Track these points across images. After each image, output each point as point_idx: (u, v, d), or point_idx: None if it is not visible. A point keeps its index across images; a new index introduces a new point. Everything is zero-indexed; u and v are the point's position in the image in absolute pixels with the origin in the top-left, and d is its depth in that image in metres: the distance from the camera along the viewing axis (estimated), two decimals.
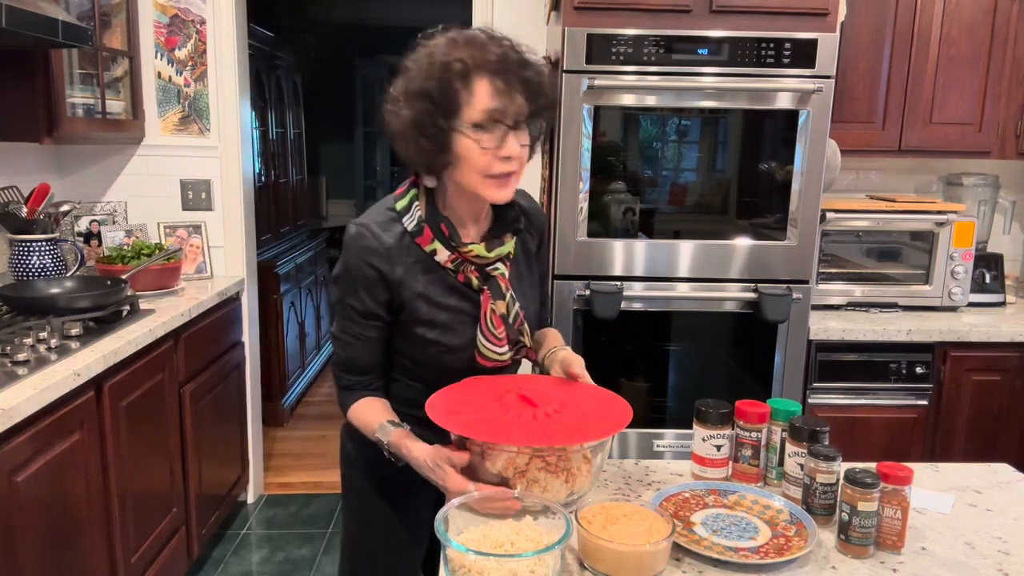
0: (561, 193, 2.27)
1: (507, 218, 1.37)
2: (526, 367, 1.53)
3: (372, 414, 1.31)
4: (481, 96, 1.19)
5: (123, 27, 2.77)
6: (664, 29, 2.19)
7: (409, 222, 1.30)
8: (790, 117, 2.25)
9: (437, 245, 1.29)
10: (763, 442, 1.32)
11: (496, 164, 1.21)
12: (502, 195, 1.25)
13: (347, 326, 1.34)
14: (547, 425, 1.16)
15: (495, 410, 1.21)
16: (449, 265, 1.30)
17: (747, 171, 2.35)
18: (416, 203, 1.31)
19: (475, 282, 1.32)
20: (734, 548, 1.11)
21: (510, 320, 1.35)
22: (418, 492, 1.39)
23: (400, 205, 1.32)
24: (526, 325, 1.38)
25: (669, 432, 2.43)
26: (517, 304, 1.36)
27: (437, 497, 1.32)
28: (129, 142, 2.93)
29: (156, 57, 2.90)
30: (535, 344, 1.45)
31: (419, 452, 1.22)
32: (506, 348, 1.35)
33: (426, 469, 1.20)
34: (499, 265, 1.34)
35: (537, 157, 2.64)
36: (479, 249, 1.30)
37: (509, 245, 1.35)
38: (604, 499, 1.19)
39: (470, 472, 1.17)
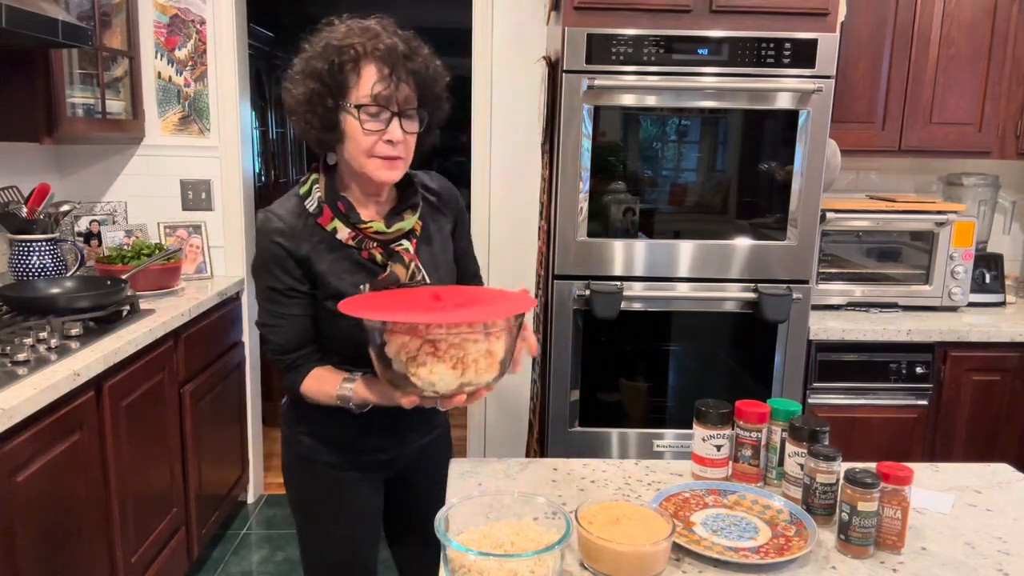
0: (561, 193, 2.27)
1: (406, 196, 1.42)
2: None
3: (326, 381, 1.35)
4: (368, 80, 1.27)
5: (123, 27, 2.77)
6: (664, 29, 2.19)
7: (310, 204, 1.36)
8: (790, 117, 2.25)
9: (337, 223, 1.34)
10: (763, 442, 1.32)
11: (380, 146, 1.29)
12: (388, 176, 1.32)
13: (272, 309, 1.37)
14: (442, 313, 1.17)
15: (402, 304, 1.23)
16: (351, 243, 1.35)
17: (747, 171, 2.35)
18: (316, 186, 1.38)
19: (379, 258, 1.36)
20: (734, 548, 1.11)
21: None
22: (362, 475, 1.48)
23: (302, 190, 1.38)
24: None
25: (669, 432, 2.43)
26: (422, 276, 1.38)
27: (379, 479, 1.50)
28: (129, 142, 2.93)
29: (156, 57, 2.90)
30: None
31: (380, 386, 1.26)
32: None
33: (386, 398, 1.25)
34: (403, 242, 1.38)
35: (537, 157, 2.66)
36: (378, 225, 1.35)
37: (410, 221, 1.39)
38: (604, 499, 1.19)
39: (379, 361, 1.18)
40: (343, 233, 1.34)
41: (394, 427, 1.47)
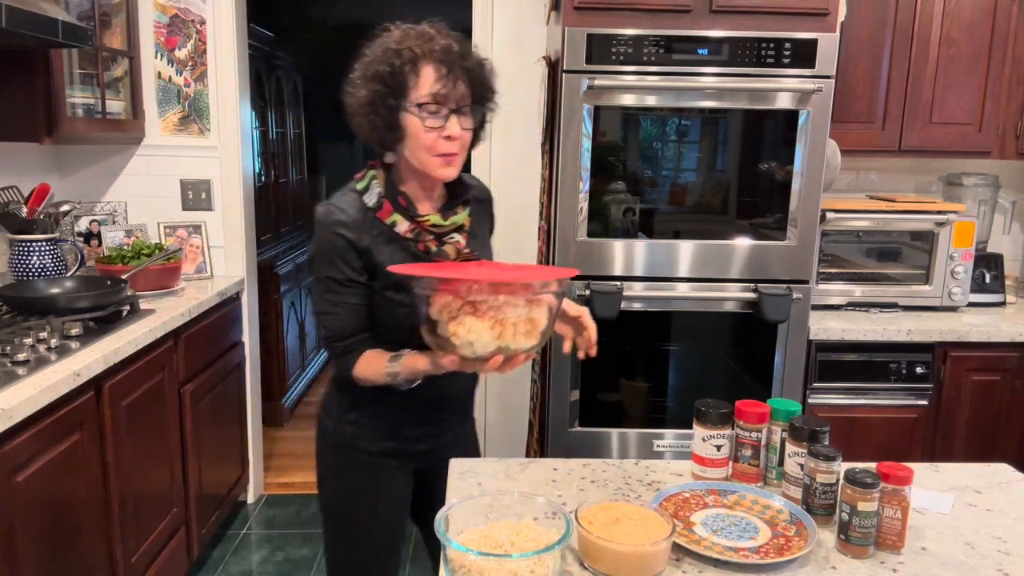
0: (561, 193, 2.27)
1: (458, 193, 1.50)
2: None
3: (376, 361, 1.40)
4: (427, 80, 1.33)
5: (123, 27, 2.77)
6: (664, 29, 2.19)
7: (370, 199, 1.41)
8: (790, 117, 2.25)
9: (397, 217, 1.40)
10: (763, 442, 1.32)
11: (440, 143, 1.35)
12: (447, 172, 1.39)
13: (330, 298, 1.42)
14: (483, 276, 1.23)
15: (449, 271, 1.29)
16: (409, 235, 1.41)
17: (747, 171, 2.35)
18: (375, 181, 1.43)
19: (433, 250, 1.42)
20: (734, 548, 1.11)
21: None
22: (395, 465, 1.54)
23: (360, 186, 1.44)
24: None
25: (669, 432, 2.43)
26: None
27: (412, 469, 1.57)
28: (129, 142, 2.93)
29: (156, 57, 2.90)
30: None
31: (425, 357, 1.33)
32: None
33: (432, 364, 1.31)
34: (455, 235, 1.45)
35: (537, 157, 2.66)
36: (435, 218, 1.42)
37: (462, 216, 1.47)
38: (604, 499, 1.19)
39: (425, 324, 1.24)
40: (402, 226, 1.41)
41: (434, 415, 1.55)
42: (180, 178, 2.99)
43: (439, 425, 1.57)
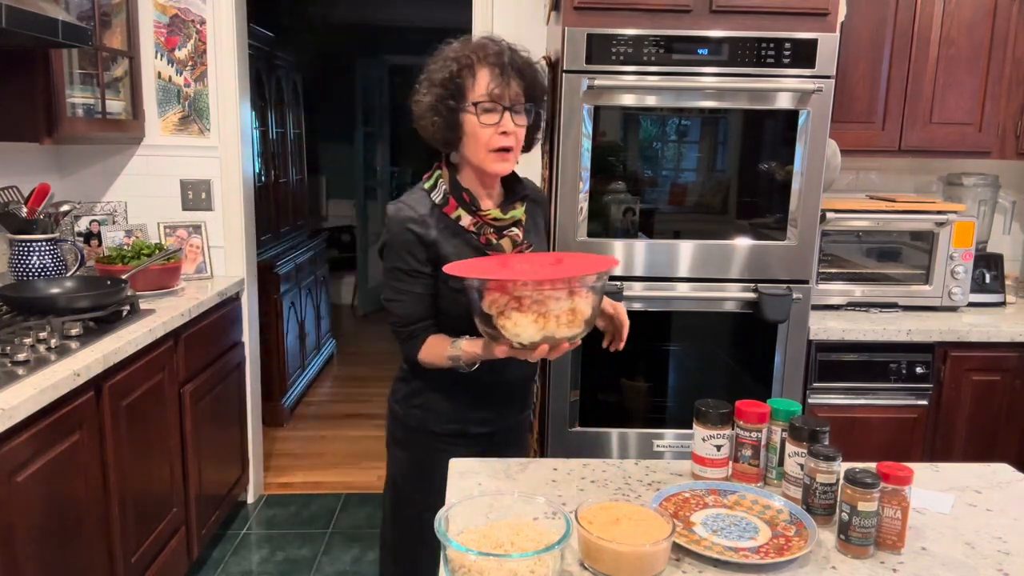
0: (561, 193, 2.27)
1: (515, 190, 1.62)
2: None
3: (439, 346, 1.53)
4: (482, 82, 1.47)
5: (123, 27, 2.77)
6: (664, 29, 2.19)
7: (437, 196, 1.55)
8: (790, 117, 2.25)
9: (461, 212, 1.54)
10: (763, 442, 1.32)
11: (496, 138, 1.48)
12: (502, 167, 1.52)
13: (397, 287, 1.56)
14: (525, 273, 1.34)
15: (499, 267, 1.39)
16: (472, 228, 1.54)
17: (747, 171, 2.35)
18: (441, 180, 1.57)
19: (494, 242, 1.55)
20: (734, 548, 1.11)
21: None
22: (460, 443, 1.63)
23: (428, 185, 1.58)
24: None
25: (669, 432, 2.43)
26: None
27: (478, 451, 1.61)
28: (129, 142, 2.93)
29: (156, 57, 2.90)
30: None
31: (480, 344, 1.44)
32: None
33: (486, 351, 1.42)
34: (513, 229, 1.57)
35: (537, 157, 2.65)
36: (496, 212, 1.55)
37: (519, 211, 1.59)
38: (604, 499, 1.19)
39: (478, 317, 1.35)
40: (466, 220, 1.54)
41: (494, 400, 1.66)
42: (180, 178, 2.99)
43: (499, 410, 1.68)
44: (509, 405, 1.71)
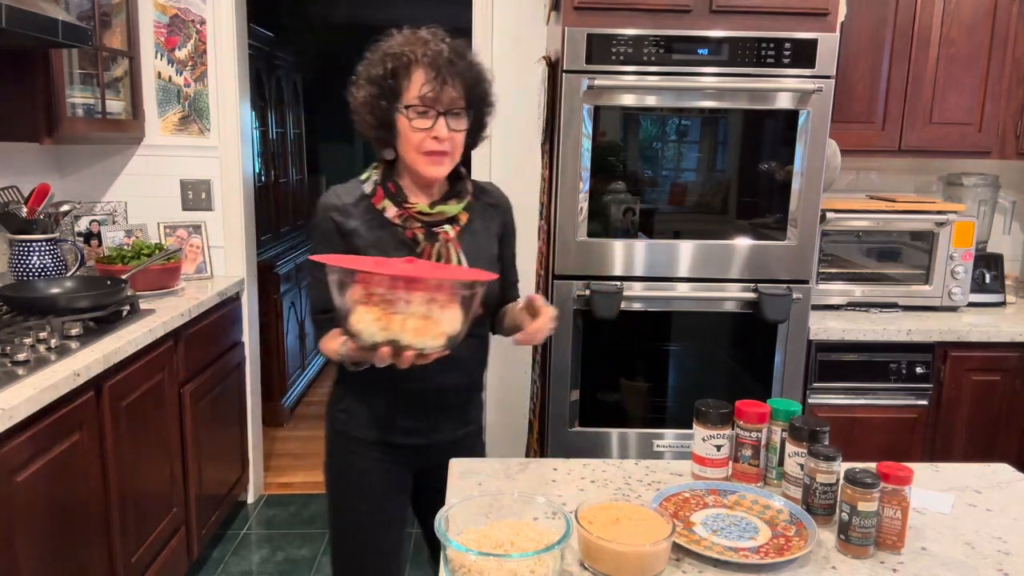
0: (561, 193, 2.27)
1: (457, 190, 1.56)
2: None
3: (332, 340, 1.46)
4: (416, 84, 1.41)
5: (123, 27, 2.77)
6: (664, 29, 2.19)
7: (367, 187, 1.52)
8: (790, 117, 2.25)
9: (387, 203, 1.49)
10: (763, 442, 1.32)
11: (428, 143, 1.43)
12: (434, 171, 1.47)
13: (315, 273, 1.49)
14: (388, 271, 1.24)
15: (380, 267, 1.29)
16: (397, 221, 1.48)
17: (747, 171, 2.35)
18: (374, 172, 1.54)
19: (421, 238, 1.48)
20: (734, 548, 1.11)
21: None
22: (387, 458, 1.57)
23: (363, 176, 1.55)
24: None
25: (669, 432, 2.43)
26: (458, 257, 1.49)
27: (409, 466, 1.60)
28: (129, 142, 2.93)
29: (156, 57, 2.90)
30: (500, 319, 1.64)
31: (344, 343, 1.36)
32: None
33: (351, 352, 1.34)
34: (445, 226, 1.50)
35: (537, 157, 2.65)
36: (421, 206, 1.49)
37: (454, 208, 1.51)
38: (604, 499, 1.19)
39: (338, 309, 1.27)
40: (391, 212, 1.48)
41: (424, 411, 1.57)
42: (180, 178, 2.99)
43: (430, 421, 1.58)
44: (443, 417, 1.60)
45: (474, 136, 1.54)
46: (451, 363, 1.40)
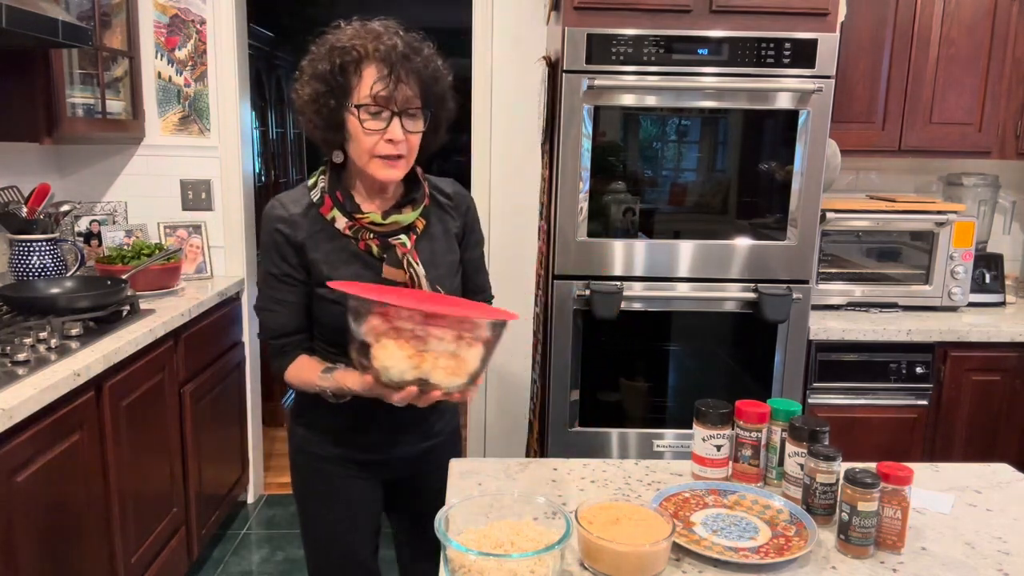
0: (561, 193, 2.27)
1: (413, 195, 1.45)
2: None
3: (308, 369, 1.39)
4: (368, 81, 1.30)
5: (123, 27, 2.77)
6: (664, 29, 2.19)
7: (315, 195, 1.41)
8: (790, 117, 2.25)
9: (336, 213, 1.39)
10: (763, 442, 1.32)
11: (382, 145, 1.32)
12: (388, 174, 1.35)
13: (269, 294, 1.42)
14: (413, 302, 1.19)
15: (390, 295, 1.23)
16: (348, 232, 1.38)
17: (747, 171, 2.35)
18: (322, 178, 1.43)
19: (375, 250, 1.39)
20: (734, 548, 1.11)
21: (413, 288, 1.39)
22: (357, 472, 1.51)
23: (310, 182, 1.45)
24: (438, 292, 1.41)
25: (669, 432, 2.43)
26: (417, 271, 1.39)
27: (379, 479, 1.53)
28: (129, 142, 2.93)
29: (156, 57, 2.90)
30: None
31: (354, 377, 1.27)
32: None
33: (356, 385, 1.27)
34: (401, 236, 1.40)
35: (537, 157, 2.66)
36: (374, 216, 1.38)
37: (409, 216, 1.41)
38: (604, 499, 1.19)
39: (352, 341, 1.21)
40: (341, 222, 1.38)
41: (387, 426, 1.48)
42: (180, 178, 2.99)
43: (389, 436, 1.49)
44: (401, 432, 1.50)
45: (431, 138, 1.42)
46: None
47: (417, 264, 1.40)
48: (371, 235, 1.39)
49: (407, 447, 1.53)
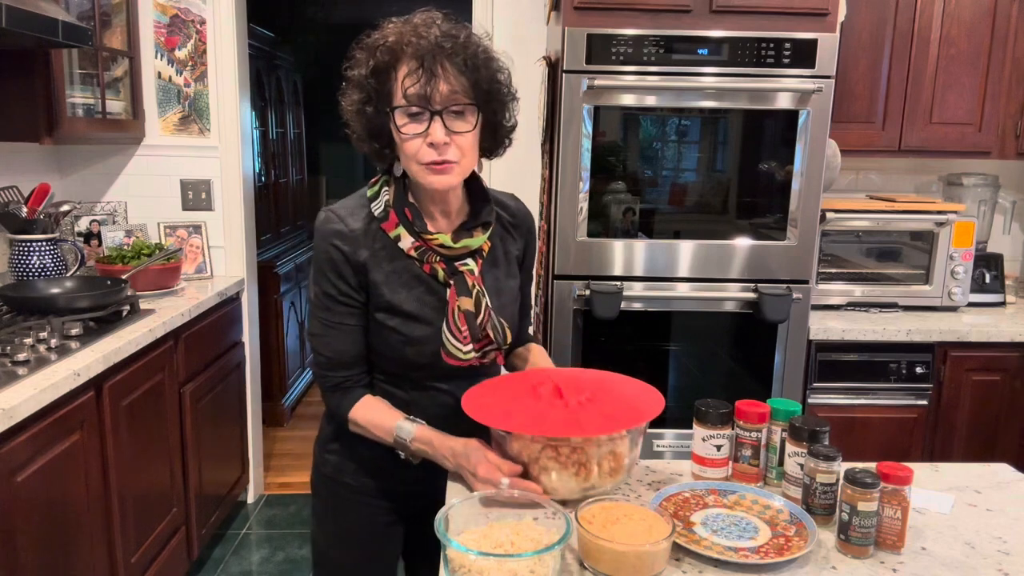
0: (561, 193, 2.27)
1: (481, 213, 1.33)
2: None
3: (381, 414, 1.29)
4: (404, 79, 1.17)
5: (123, 27, 2.77)
6: (664, 29, 2.19)
7: (376, 207, 1.28)
8: (790, 117, 2.25)
9: (401, 231, 1.26)
10: (763, 442, 1.32)
11: (424, 151, 1.19)
12: (438, 181, 1.22)
13: (326, 318, 1.29)
14: (566, 416, 1.17)
15: (525, 400, 1.22)
16: (413, 253, 1.27)
17: (747, 171, 2.35)
18: (385, 189, 1.29)
19: (441, 274, 1.28)
20: (734, 548, 1.11)
21: (477, 320, 1.29)
22: (380, 506, 1.41)
23: (370, 192, 1.31)
24: (499, 326, 1.33)
25: (669, 432, 2.43)
26: (486, 303, 1.30)
27: (402, 513, 1.42)
28: (129, 142, 2.93)
29: (156, 57, 2.90)
30: (519, 359, 1.48)
31: (452, 442, 1.23)
32: (470, 347, 1.29)
33: (460, 457, 1.22)
34: (468, 261, 1.29)
35: (537, 157, 2.65)
36: (444, 238, 1.26)
37: (479, 240, 1.30)
38: (604, 499, 1.18)
39: (499, 448, 1.19)
40: (406, 242, 1.26)
41: (431, 465, 1.32)
42: (180, 178, 2.99)
43: (432, 469, 1.32)
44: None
45: (492, 137, 1.30)
46: (462, 413, 1.22)
47: (484, 295, 1.30)
48: (437, 258, 1.27)
49: (441, 478, 1.35)
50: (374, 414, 1.29)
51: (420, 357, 1.29)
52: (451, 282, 1.28)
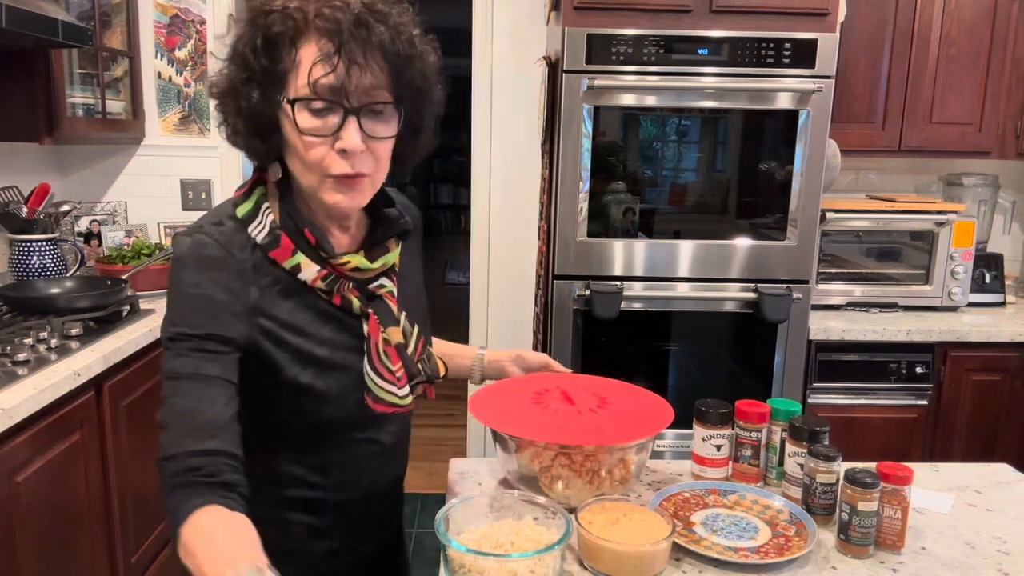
0: (561, 193, 2.27)
1: (389, 219, 1.06)
2: None
3: (228, 534, 0.79)
4: (307, 64, 0.88)
5: (123, 27, 2.77)
6: (664, 29, 2.19)
7: (258, 231, 0.96)
8: (790, 117, 2.25)
9: (300, 258, 0.97)
10: (763, 442, 1.32)
11: (332, 159, 0.91)
12: (345, 202, 0.94)
13: (178, 367, 0.88)
14: (579, 423, 1.18)
15: (534, 405, 1.23)
16: (319, 284, 0.98)
17: (747, 171, 2.35)
18: (265, 205, 0.98)
19: (356, 304, 1.00)
20: (734, 548, 1.11)
21: (409, 351, 1.06)
22: None
23: (243, 210, 0.97)
24: (429, 357, 1.12)
25: (669, 432, 2.43)
26: (416, 331, 1.08)
27: None
28: (129, 142, 2.93)
29: (156, 57, 2.90)
30: (434, 368, 1.15)
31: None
32: (407, 390, 1.05)
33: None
34: (384, 281, 1.04)
35: (537, 157, 2.65)
36: (358, 260, 0.99)
37: (394, 254, 1.05)
38: (604, 499, 1.18)
39: (506, 457, 1.16)
40: (308, 272, 0.97)
41: (350, 529, 1.11)
42: (180, 178, 2.99)
43: (353, 541, 1.12)
44: (364, 535, 1.13)
45: (408, 145, 1.00)
46: (392, 452, 1.04)
47: (401, 315, 1.06)
48: (350, 284, 1.00)
49: (362, 552, 1.16)
50: (216, 533, 0.79)
51: (341, 414, 1.02)
52: (369, 311, 1.01)
